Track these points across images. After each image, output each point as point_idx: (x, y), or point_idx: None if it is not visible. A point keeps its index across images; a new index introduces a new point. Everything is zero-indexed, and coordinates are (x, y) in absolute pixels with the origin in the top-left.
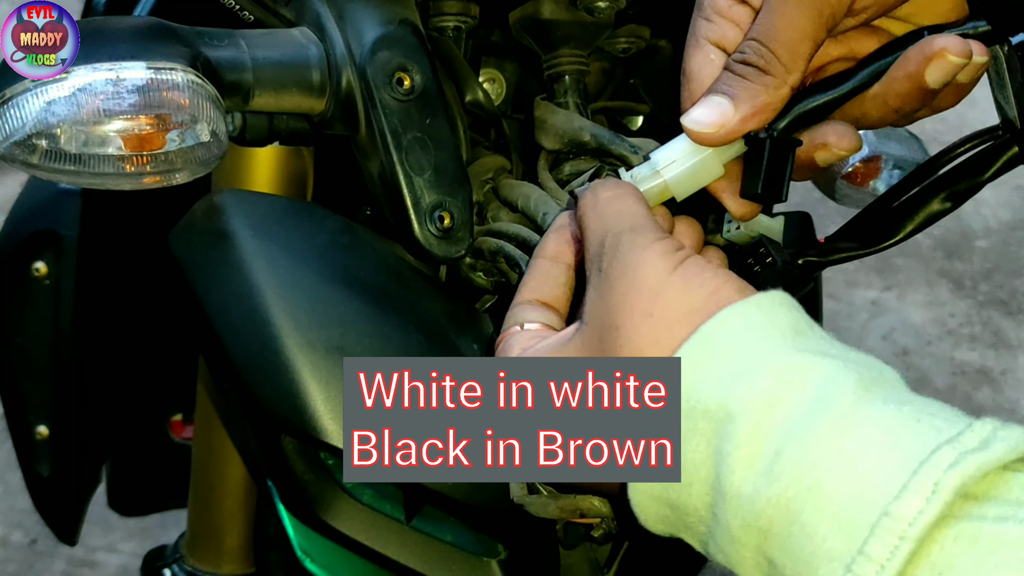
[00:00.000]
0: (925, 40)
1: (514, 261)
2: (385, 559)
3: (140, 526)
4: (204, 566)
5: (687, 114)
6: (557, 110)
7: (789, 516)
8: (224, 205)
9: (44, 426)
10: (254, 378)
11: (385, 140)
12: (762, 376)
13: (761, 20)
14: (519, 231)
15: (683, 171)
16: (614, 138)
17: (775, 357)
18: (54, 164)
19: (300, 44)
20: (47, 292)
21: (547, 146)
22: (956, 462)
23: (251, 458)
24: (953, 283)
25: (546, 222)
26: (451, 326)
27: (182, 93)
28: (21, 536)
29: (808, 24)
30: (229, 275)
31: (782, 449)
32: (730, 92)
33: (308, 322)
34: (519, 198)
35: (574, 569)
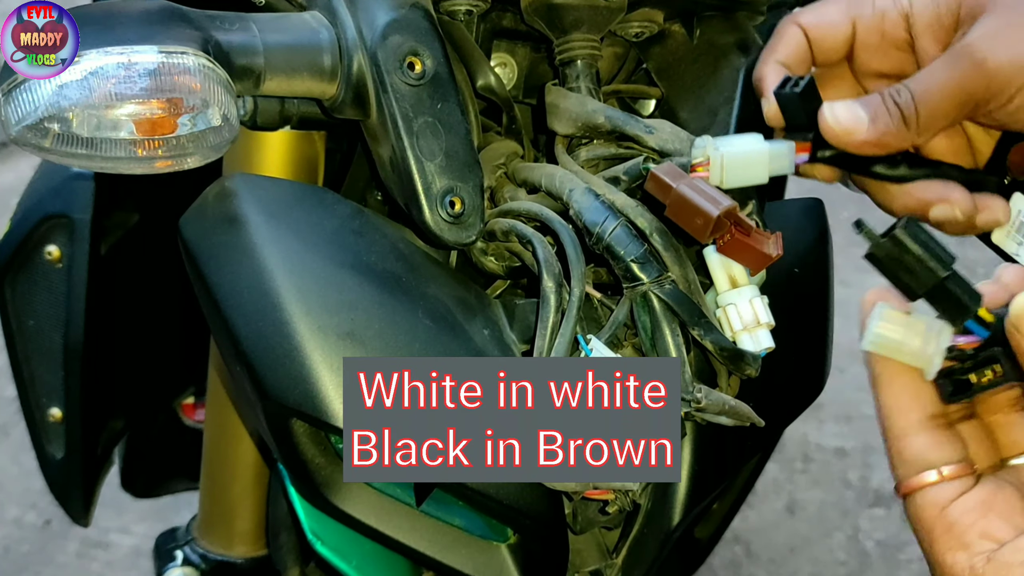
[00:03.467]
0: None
1: (526, 239)
2: (395, 542)
3: (152, 508)
4: (215, 548)
5: (833, 104)
6: (569, 94)
7: None
8: (235, 190)
9: (57, 408)
10: (264, 362)
11: (396, 125)
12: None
13: (925, 78)
14: (532, 207)
15: (738, 159)
16: (628, 119)
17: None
18: (66, 148)
19: (311, 28)
20: (60, 275)
21: (561, 131)
22: None
23: (262, 442)
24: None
25: (571, 198)
26: (461, 311)
27: (193, 77)
28: (35, 517)
29: (954, 107)
30: (240, 260)
31: None
32: (872, 115)
33: (318, 307)
34: (542, 178)
35: (583, 554)
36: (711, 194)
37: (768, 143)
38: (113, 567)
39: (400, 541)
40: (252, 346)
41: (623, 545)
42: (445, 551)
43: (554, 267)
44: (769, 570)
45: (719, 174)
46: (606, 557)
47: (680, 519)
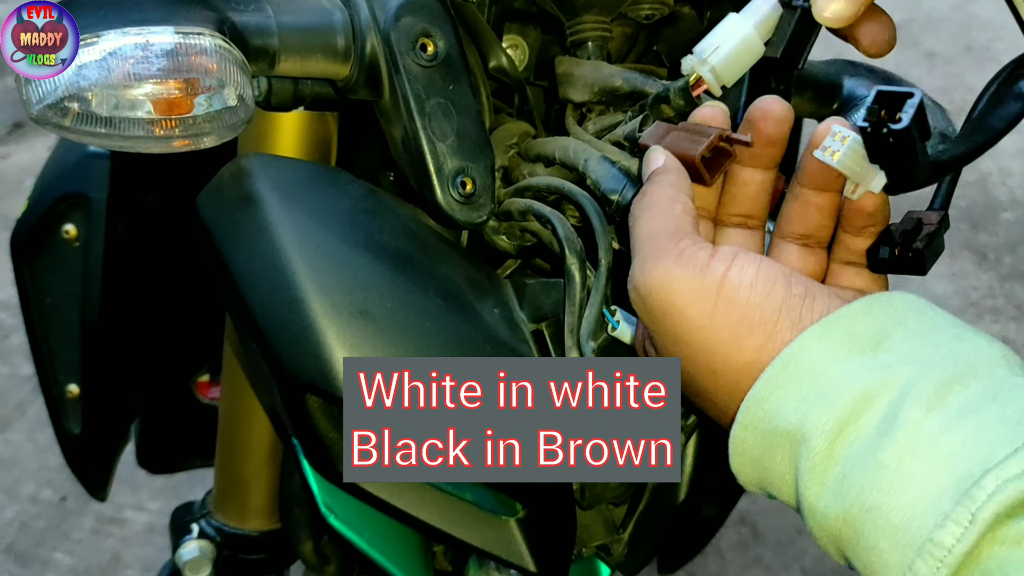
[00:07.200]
0: None
1: (545, 218)
2: (407, 516)
3: (167, 485)
4: (230, 521)
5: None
6: (582, 62)
7: (854, 530)
8: (251, 169)
9: (75, 384)
10: (279, 339)
11: (408, 106)
12: (834, 401)
13: None
14: (553, 182)
15: (729, 53)
16: (647, 79)
17: (850, 379)
18: (86, 127)
19: (325, 9)
20: (76, 254)
21: (575, 99)
22: (996, 492)
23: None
24: (977, 255)
25: (588, 168)
26: (472, 291)
27: (210, 58)
28: (51, 493)
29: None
30: (255, 238)
31: (848, 472)
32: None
33: (332, 285)
34: (556, 150)
35: (590, 529)
36: (693, 136)
37: (746, 16)
38: (128, 543)
39: (412, 515)
40: (267, 323)
41: (630, 521)
42: (456, 525)
43: (575, 244)
44: (775, 551)
45: (716, 82)
46: (613, 532)
47: (686, 495)
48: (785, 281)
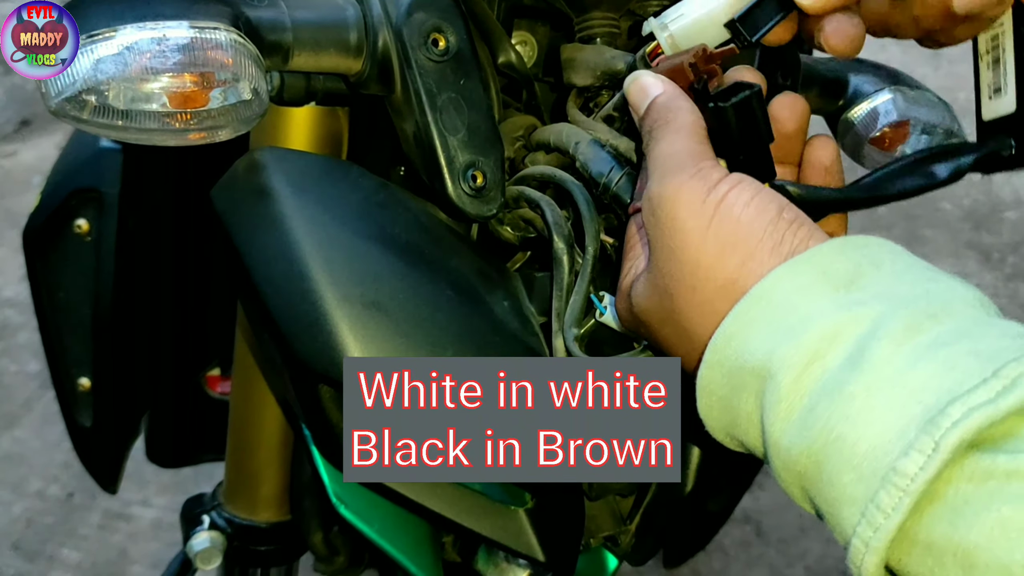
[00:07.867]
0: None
1: (535, 203)
2: (417, 506)
3: (173, 480)
4: (241, 512)
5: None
6: (585, 47)
7: (819, 465)
8: (265, 162)
9: (86, 378)
10: (292, 330)
11: (420, 100)
12: (803, 335)
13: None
14: (544, 170)
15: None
16: (649, 63)
17: (819, 315)
18: (103, 120)
19: (338, 5)
20: (89, 248)
21: (579, 83)
22: (961, 419)
23: (288, 407)
24: (981, 255)
25: (578, 151)
26: (482, 283)
27: (225, 52)
28: (58, 490)
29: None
30: (269, 230)
31: (814, 405)
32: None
33: (344, 277)
34: (551, 136)
35: (598, 519)
36: (679, 56)
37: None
38: (135, 539)
39: (422, 505)
40: (280, 314)
41: (637, 512)
42: (466, 515)
43: (563, 229)
44: (779, 550)
45: (671, 50)
46: (620, 523)
47: (693, 486)
48: (778, 207)
